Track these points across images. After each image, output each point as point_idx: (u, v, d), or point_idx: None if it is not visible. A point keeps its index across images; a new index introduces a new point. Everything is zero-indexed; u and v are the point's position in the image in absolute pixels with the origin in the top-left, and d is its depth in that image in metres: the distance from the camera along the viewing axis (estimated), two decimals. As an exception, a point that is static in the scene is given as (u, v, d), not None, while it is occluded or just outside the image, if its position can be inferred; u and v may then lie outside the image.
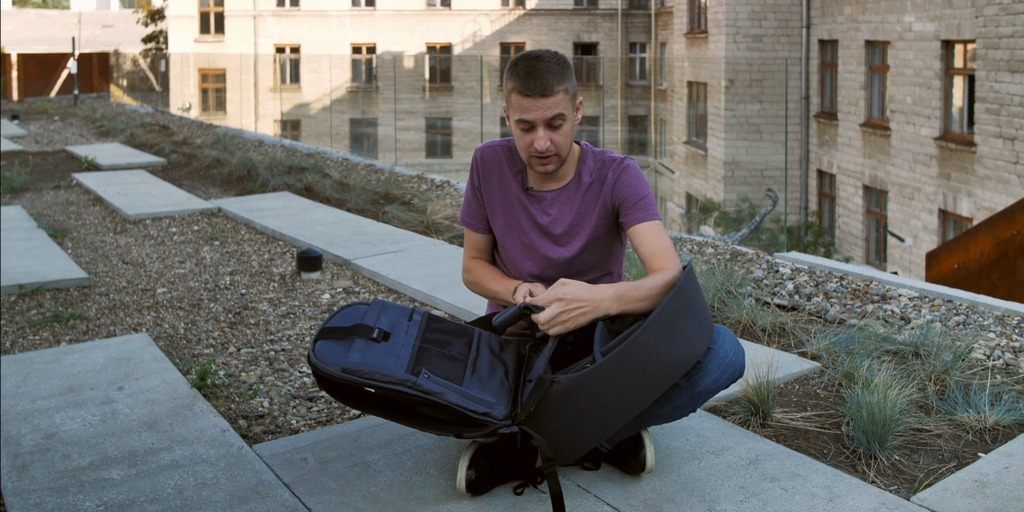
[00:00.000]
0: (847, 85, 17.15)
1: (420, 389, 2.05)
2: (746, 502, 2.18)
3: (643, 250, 2.29)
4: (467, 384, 2.11)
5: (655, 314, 2.01)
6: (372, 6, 29.24)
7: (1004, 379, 2.98)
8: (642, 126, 27.96)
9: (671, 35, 24.86)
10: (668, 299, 2.03)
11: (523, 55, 2.31)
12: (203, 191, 7.73)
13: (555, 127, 2.29)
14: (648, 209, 2.34)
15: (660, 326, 2.01)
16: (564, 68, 2.28)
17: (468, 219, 2.55)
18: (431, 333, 2.26)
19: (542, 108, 2.26)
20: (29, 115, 17.26)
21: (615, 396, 2.02)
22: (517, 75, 2.27)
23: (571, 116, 2.31)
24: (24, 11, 40.74)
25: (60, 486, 2.35)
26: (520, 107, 2.27)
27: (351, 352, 2.11)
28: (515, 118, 2.30)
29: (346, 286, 4.50)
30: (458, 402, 2.06)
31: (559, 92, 2.26)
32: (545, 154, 2.30)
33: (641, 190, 2.36)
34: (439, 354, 2.19)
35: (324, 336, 2.17)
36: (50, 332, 3.85)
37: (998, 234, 5.55)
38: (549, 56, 2.29)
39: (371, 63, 29.27)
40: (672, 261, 2.25)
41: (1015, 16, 12.09)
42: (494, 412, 2.07)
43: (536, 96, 2.25)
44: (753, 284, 4.26)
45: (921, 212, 14.41)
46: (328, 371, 2.07)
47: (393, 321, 2.24)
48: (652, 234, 2.30)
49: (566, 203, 2.40)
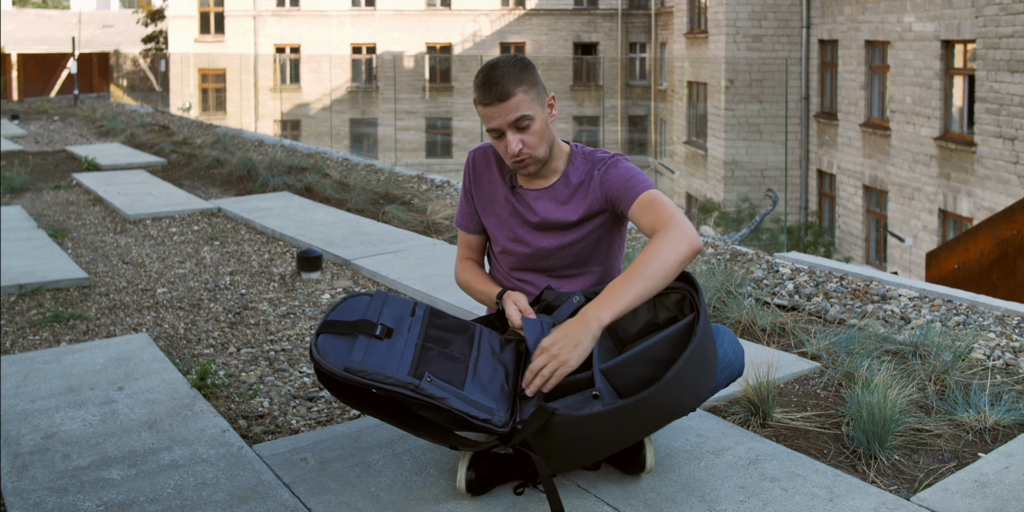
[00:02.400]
0: (847, 85, 17.15)
1: (423, 393, 2.04)
2: (746, 502, 2.18)
3: (643, 227, 2.24)
4: (469, 388, 2.11)
5: (671, 375, 1.97)
6: (372, 6, 29.24)
7: (1004, 379, 2.98)
8: (642, 126, 27.96)
9: (671, 35, 24.86)
10: (686, 357, 1.98)
11: (483, 66, 2.35)
12: (203, 191, 7.73)
13: (522, 128, 2.29)
14: (634, 188, 2.29)
15: (674, 386, 1.99)
16: (522, 70, 2.30)
17: (461, 220, 2.61)
18: (433, 330, 2.25)
19: (503, 113, 2.27)
20: (29, 115, 17.26)
21: (615, 433, 2.04)
22: (476, 86, 2.31)
23: (540, 114, 2.31)
24: (24, 11, 40.75)
25: (60, 486, 2.35)
26: (485, 116, 2.31)
27: (354, 350, 2.09)
28: (485, 128, 2.33)
29: (346, 286, 4.50)
30: (460, 408, 2.05)
31: (517, 93, 2.27)
32: (519, 157, 2.32)
33: (625, 175, 2.33)
34: (441, 354, 2.18)
35: (326, 329, 2.15)
36: (50, 332, 3.85)
37: (998, 234, 5.55)
38: (505, 61, 2.31)
39: (371, 63, 29.27)
40: (664, 224, 2.16)
41: (1015, 16, 12.09)
42: (494, 419, 2.06)
43: (494, 103, 2.27)
44: (753, 284, 4.26)
45: (921, 212, 14.41)
46: (331, 369, 2.06)
47: (396, 316, 2.23)
48: (642, 208, 2.25)
49: (552, 201, 2.41)
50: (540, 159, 2.35)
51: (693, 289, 2.17)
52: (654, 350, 2.04)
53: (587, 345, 2.04)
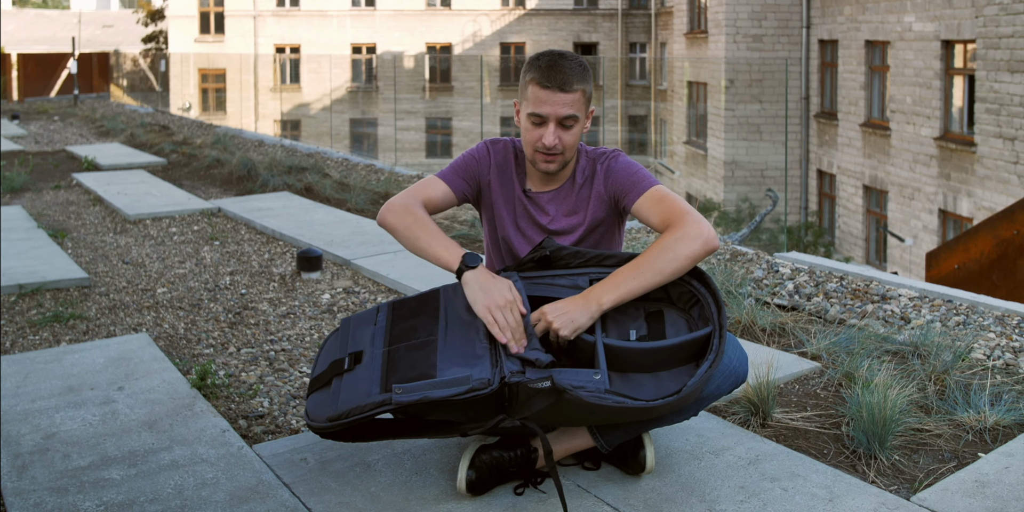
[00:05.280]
0: (847, 85, 17.15)
1: (401, 404, 1.99)
2: (746, 502, 2.18)
3: (653, 222, 2.24)
4: (441, 367, 2.03)
5: (686, 392, 1.99)
6: (372, 6, 29.24)
7: (1004, 379, 2.98)
8: (642, 126, 27.96)
9: (671, 35, 24.86)
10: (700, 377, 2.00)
11: (547, 51, 2.31)
12: (203, 191, 7.73)
13: (567, 127, 2.27)
14: (640, 183, 2.30)
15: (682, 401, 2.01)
16: (585, 71, 2.29)
17: (452, 176, 2.42)
18: (397, 326, 2.20)
19: (558, 103, 2.24)
20: (29, 115, 17.26)
21: (615, 417, 2.08)
22: (538, 67, 2.26)
23: (582, 120, 2.31)
24: (24, 11, 40.73)
25: (60, 486, 2.35)
26: (536, 99, 2.26)
27: (331, 397, 2.11)
28: (528, 111, 2.28)
29: (346, 286, 4.50)
30: (440, 396, 1.97)
31: (577, 91, 2.26)
32: (552, 151, 2.29)
33: (629, 170, 2.33)
34: (407, 348, 2.12)
35: (312, 389, 2.21)
36: (50, 332, 3.85)
37: (998, 234, 5.55)
38: (573, 56, 2.30)
39: (371, 63, 29.27)
40: (679, 218, 2.16)
41: (1015, 16, 12.09)
42: (474, 383, 1.97)
43: (555, 89, 2.23)
44: (753, 284, 4.26)
45: (921, 212, 14.41)
46: (320, 426, 2.09)
47: (362, 334, 2.22)
48: (651, 203, 2.25)
49: (562, 202, 2.41)
50: (566, 161, 2.33)
51: (713, 299, 2.13)
52: (664, 352, 2.07)
53: (582, 323, 2.08)
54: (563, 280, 2.22)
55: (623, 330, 2.17)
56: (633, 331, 2.16)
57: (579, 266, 2.24)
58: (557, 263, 2.25)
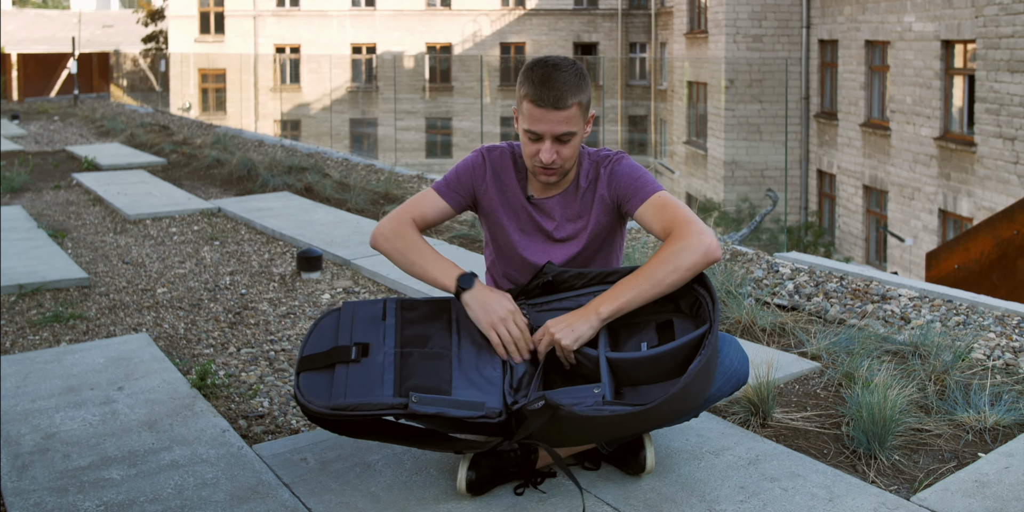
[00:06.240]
0: (847, 85, 17.15)
1: (415, 413, 2.02)
2: (746, 502, 2.18)
3: (655, 229, 2.23)
4: (456, 385, 2.08)
5: (677, 390, 1.97)
6: (372, 6, 29.24)
7: (1004, 379, 2.98)
8: (642, 126, 27.96)
9: (671, 35, 24.86)
10: (692, 373, 1.98)
11: (541, 60, 2.25)
12: (203, 191, 7.73)
13: (564, 142, 2.24)
14: (643, 189, 2.28)
15: (675, 399, 2.00)
16: (580, 79, 2.22)
17: (446, 189, 2.40)
18: (408, 328, 2.21)
19: (553, 121, 2.20)
20: (29, 115, 17.26)
21: (614, 430, 2.09)
22: (532, 82, 2.21)
23: (581, 131, 2.26)
24: (24, 11, 40.73)
25: (60, 486, 2.35)
26: (531, 117, 2.22)
27: (335, 384, 2.08)
28: (524, 127, 2.25)
29: (346, 286, 4.50)
30: (455, 415, 2.03)
31: (572, 106, 2.20)
32: (550, 167, 2.27)
33: (633, 174, 2.31)
34: (422, 356, 2.14)
35: (305, 367, 2.14)
36: (50, 332, 3.85)
37: (998, 234, 5.55)
38: (567, 65, 2.22)
39: (371, 63, 29.27)
40: (681, 228, 2.15)
41: (1015, 16, 12.09)
42: (487, 412, 2.05)
43: (548, 108, 2.19)
44: (753, 284, 4.26)
45: (921, 212, 14.41)
46: (319, 412, 2.06)
47: (368, 326, 2.21)
48: (654, 210, 2.24)
49: (566, 207, 2.39)
50: (566, 171, 2.32)
51: (710, 298, 2.14)
52: (666, 357, 2.07)
53: (582, 331, 2.10)
54: (568, 302, 2.25)
55: (635, 344, 2.19)
56: (644, 344, 2.17)
57: (584, 286, 2.26)
58: (562, 286, 2.28)
